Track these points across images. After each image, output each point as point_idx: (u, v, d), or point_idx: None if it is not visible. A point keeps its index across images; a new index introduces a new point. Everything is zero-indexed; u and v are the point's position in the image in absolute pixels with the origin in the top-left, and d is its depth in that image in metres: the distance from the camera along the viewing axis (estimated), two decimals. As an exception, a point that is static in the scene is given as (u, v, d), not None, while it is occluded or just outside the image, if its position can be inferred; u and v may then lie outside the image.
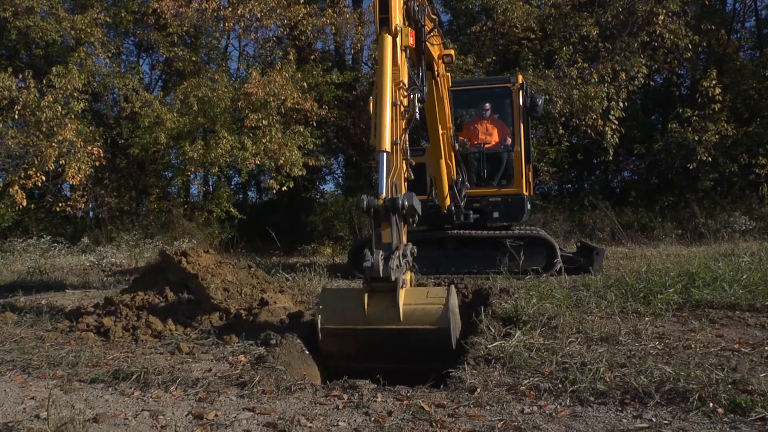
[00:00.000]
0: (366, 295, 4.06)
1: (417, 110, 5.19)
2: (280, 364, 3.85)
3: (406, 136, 4.90)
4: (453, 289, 4.25)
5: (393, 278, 3.91)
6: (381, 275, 3.84)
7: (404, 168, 4.75)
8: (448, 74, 8.28)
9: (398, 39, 5.01)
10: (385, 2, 5.02)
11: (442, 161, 8.47)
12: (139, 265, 12.25)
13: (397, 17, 5.03)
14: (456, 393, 3.22)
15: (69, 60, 16.27)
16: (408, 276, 4.42)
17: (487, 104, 9.79)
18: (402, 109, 4.88)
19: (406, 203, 4.16)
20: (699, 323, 4.61)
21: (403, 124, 4.89)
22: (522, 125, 9.51)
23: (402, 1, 5.19)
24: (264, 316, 5.27)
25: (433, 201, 9.04)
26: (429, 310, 4.07)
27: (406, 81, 5.02)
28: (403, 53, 5.09)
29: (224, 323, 5.16)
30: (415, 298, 4.16)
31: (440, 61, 7.52)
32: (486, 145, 9.70)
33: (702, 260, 7.16)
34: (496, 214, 9.40)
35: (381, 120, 4.58)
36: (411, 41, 5.19)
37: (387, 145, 4.49)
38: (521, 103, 9.47)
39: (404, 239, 4.37)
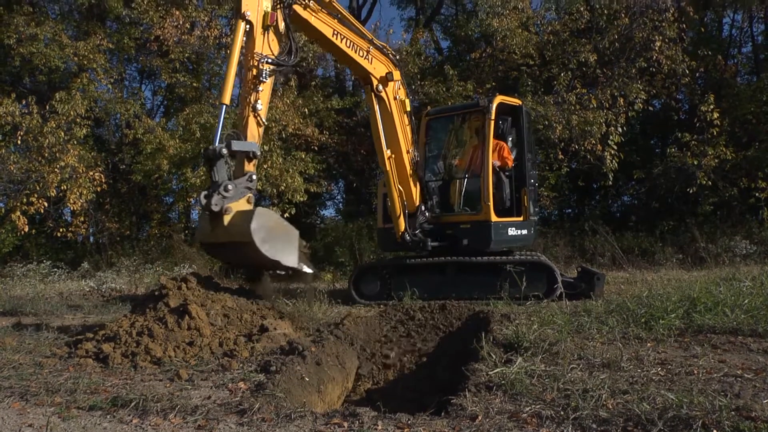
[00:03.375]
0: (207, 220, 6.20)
1: (266, 73, 6.69)
2: (280, 391, 3.82)
3: (257, 94, 6.59)
4: (259, 210, 6.05)
5: (215, 210, 5.94)
6: (204, 208, 5.99)
7: (251, 121, 6.55)
8: (406, 99, 8.84)
9: (256, 19, 6.65)
10: None
11: (392, 185, 8.81)
12: (139, 291, 12.21)
13: (247, 5, 6.61)
14: (457, 420, 3.19)
15: (72, 86, 16.41)
16: (242, 200, 6.19)
17: (476, 130, 9.80)
18: (254, 72, 6.62)
19: (224, 151, 6.03)
20: (701, 349, 4.59)
21: (252, 83, 6.60)
22: (491, 148, 9.20)
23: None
24: (264, 343, 5.24)
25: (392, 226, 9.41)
26: (241, 226, 5.87)
27: (261, 51, 6.70)
28: (265, 31, 6.73)
29: (224, 349, 5.13)
30: (234, 219, 6.02)
31: (387, 80, 8.67)
32: (466, 170, 9.73)
33: (703, 285, 7.12)
34: (465, 241, 9.23)
35: (225, 81, 6.36)
36: (269, 20, 6.73)
37: (226, 99, 6.35)
38: (491, 125, 9.24)
39: (249, 168, 6.39)
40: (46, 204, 14.67)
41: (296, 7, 7.30)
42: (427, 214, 9.32)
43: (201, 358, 4.92)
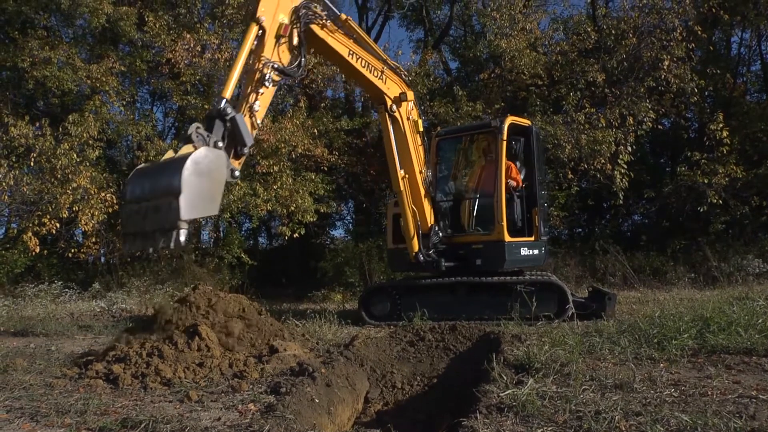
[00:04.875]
0: (169, 152, 5.71)
1: (269, 75, 6.51)
2: (290, 413, 3.80)
3: (257, 96, 6.43)
4: (204, 151, 5.22)
5: (193, 140, 5.45)
6: (187, 134, 5.49)
7: (247, 117, 6.26)
8: (419, 120, 8.85)
9: (270, 27, 6.53)
10: (256, 2, 6.54)
11: (405, 206, 8.77)
12: (149, 312, 12.23)
13: (263, 11, 6.51)
14: (468, 442, 3.17)
15: (84, 108, 16.59)
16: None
17: (486, 149, 9.84)
18: (257, 75, 6.44)
19: (229, 111, 5.73)
20: (715, 369, 4.53)
21: (252, 83, 6.43)
22: (502, 169, 9.27)
23: (277, 4, 6.73)
24: (274, 364, 5.23)
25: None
26: (186, 154, 5.17)
27: (270, 57, 6.55)
28: (277, 41, 6.67)
29: (234, 371, 5.12)
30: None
31: (401, 100, 8.63)
32: (477, 190, 9.76)
33: (716, 304, 7.07)
34: (478, 261, 9.23)
35: (228, 77, 6.07)
36: (282, 31, 6.66)
37: (227, 94, 5.97)
38: (503, 146, 9.30)
39: (235, 164, 5.98)
40: (58, 225, 14.76)
41: (313, 27, 7.27)
42: (440, 234, 9.28)
43: (211, 379, 4.91)
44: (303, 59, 7.06)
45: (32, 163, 14.70)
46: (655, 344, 5.40)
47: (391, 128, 8.82)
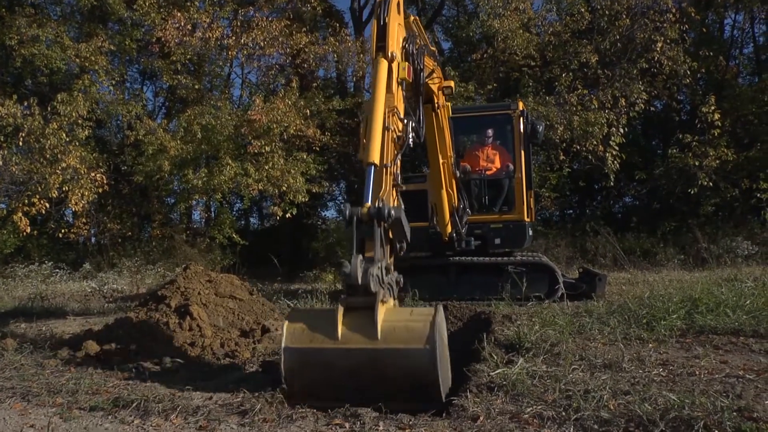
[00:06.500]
0: (341, 311, 3.53)
1: (411, 138, 4.89)
2: (281, 391, 3.82)
3: (398, 162, 4.59)
4: (441, 308, 3.65)
5: (373, 290, 3.46)
6: (359, 283, 3.42)
7: (393, 194, 4.37)
8: (448, 104, 8.46)
9: (394, 67, 4.82)
10: (383, 31, 4.89)
11: (443, 189, 8.53)
12: (141, 291, 12.22)
13: (393, 45, 4.90)
14: (459, 421, 3.19)
15: (73, 87, 16.41)
16: (390, 303, 3.82)
17: (489, 131, 9.84)
18: (395, 135, 4.59)
19: (392, 213, 3.82)
20: (703, 349, 4.58)
21: (394, 148, 4.54)
22: (522, 151, 9.52)
23: (398, 34, 5.12)
24: (265, 344, 5.25)
25: (435, 228, 9.02)
26: (413, 327, 3.46)
27: (401, 109, 4.78)
28: (399, 86, 4.87)
29: (225, 350, 5.13)
30: (397, 315, 3.65)
31: (440, 93, 7.77)
32: (487, 172, 9.75)
33: (705, 286, 7.11)
34: (497, 241, 9.38)
35: (371, 135, 4.26)
36: (407, 74, 4.99)
37: (375, 157, 4.15)
38: (522, 130, 9.50)
39: (390, 262, 4.02)
40: (47, 205, 14.67)
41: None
42: (469, 212, 9.23)
43: (202, 358, 4.93)
44: (421, 111, 5.58)
45: (21, 143, 14.55)
46: (644, 325, 5.45)
47: (435, 124, 7.90)
